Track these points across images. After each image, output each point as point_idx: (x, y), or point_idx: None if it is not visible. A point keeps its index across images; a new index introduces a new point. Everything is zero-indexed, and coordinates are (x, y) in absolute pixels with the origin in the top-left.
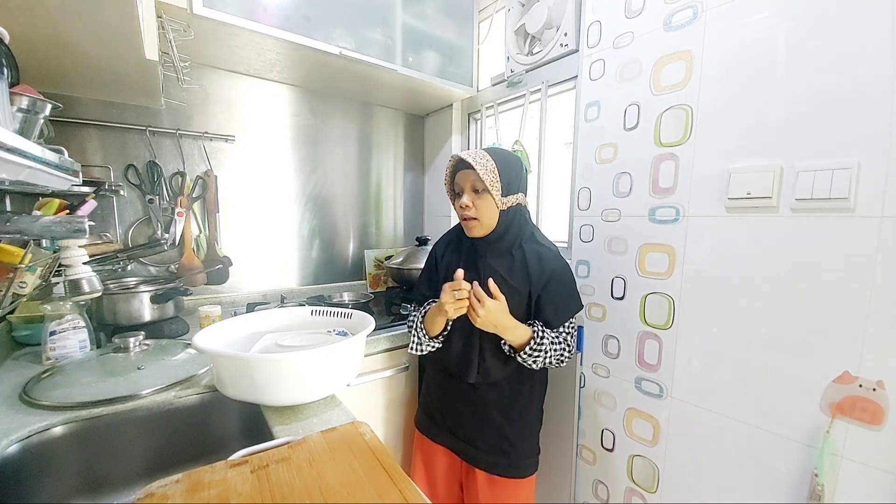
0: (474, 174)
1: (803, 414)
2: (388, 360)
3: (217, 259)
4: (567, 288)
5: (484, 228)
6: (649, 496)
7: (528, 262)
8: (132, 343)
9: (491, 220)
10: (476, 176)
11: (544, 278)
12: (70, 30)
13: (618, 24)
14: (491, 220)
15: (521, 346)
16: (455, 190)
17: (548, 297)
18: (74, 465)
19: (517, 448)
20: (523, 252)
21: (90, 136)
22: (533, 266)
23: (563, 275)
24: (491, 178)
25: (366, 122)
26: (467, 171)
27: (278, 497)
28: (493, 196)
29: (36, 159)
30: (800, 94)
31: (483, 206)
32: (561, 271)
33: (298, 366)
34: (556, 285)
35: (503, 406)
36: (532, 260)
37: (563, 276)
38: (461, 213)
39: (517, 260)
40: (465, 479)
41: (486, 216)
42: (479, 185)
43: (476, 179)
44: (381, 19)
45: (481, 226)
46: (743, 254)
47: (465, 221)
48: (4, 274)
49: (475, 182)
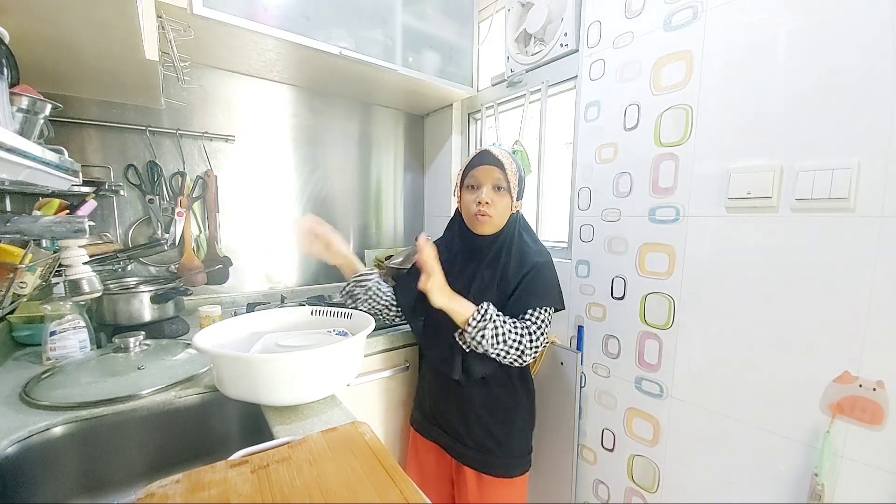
0: (500, 172)
1: (803, 414)
2: (387, 360)
3: (217, 259)
4: (539, 281)
5: (494, 226)
6: (649, 496)
7: (510, 262)
8: (132, 343)
9: (502, 220)
10: (502, 175)
11: (521, 273)
12: (70, 30)
13: (618, 24)
14: (502, 219)
15: (464, 322)
16: (468, 183)
17: (517, 290)
18: (74, 465)
19: (505, 447)
20: (510, 253)
21: (90, 136)
22: (514, 265)
23: (540, 269)
24: (514, 181)
25: (366, 122)
26: (491, 168)
27: (278, 497)
28: (511, 197)
29: (36, 159)
30: (800, 94)
31: (500, 205)
32: (539, 266)
33: (298, 366)
34: (528, 278)
35: (489, 404)
36: (515, 259)
37: (540, 270)
38: (477, 207)
39: (503, 260)
40: (456, 478)
41: (499, 215)
42: (503, 183)
43: (501, 178)
44: (381, 19)
45: (493, 224)
46: (743, 254)
47: (479, 217)
48: (4, 274)
49: (499, 180)
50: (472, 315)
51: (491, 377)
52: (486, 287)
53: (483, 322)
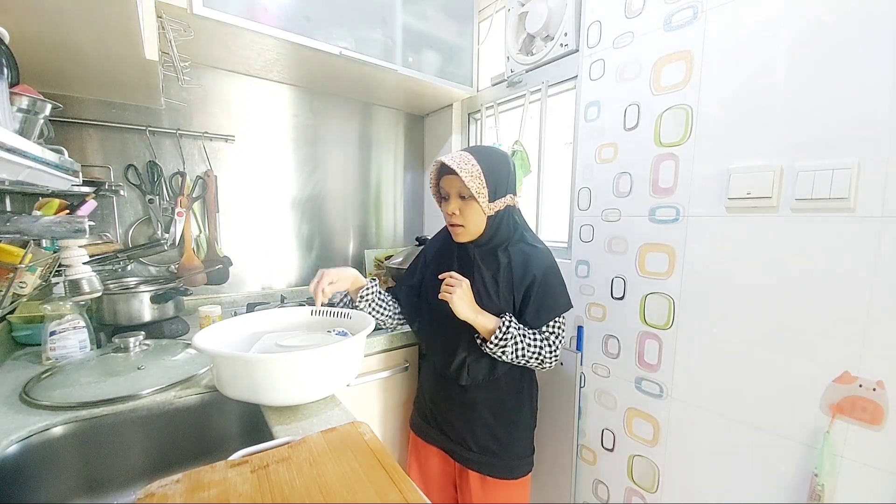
0: (459, 181)
1: (803, 414)
2: (387, 361)
3: (217, 259)
4: (549, 290)
5: (470, 234)
6: (649, 496)
7: (512, 265)
8: (132, 343)
9: (478, 227)
10: (461, 183)
11: (527, 280)
12: (70, 30)
13: (618, 24)
14: (478, 225)
15: (488, 334)
16: (441, 194)
17: (529, 300)
18: (74, 465)
19: (508, 449)
20: (510, 254)
21: (90, 136)
22: (517, 268)
23: (548, 275)
24: (477, 185)
25: (366, 122)
26: (452, 177)
27: (278, 497)
28: (479, 203)
29: (36, 159)
30: (800, 94)
31: (470, 213)
32: (545, 272)
33: (298, 366)
34: (539, 287)
35: (493, 407)
36: (517, 262)
37: (547, 276)
38: (448, 219)
39: (503, 263)
40: (459, 481)
41: (472, 222)
42: (465, 191)
43: (462, 186)
44: (381, 19)
45: (468, 232)
46: (743, 254)
47: (452, 227)
48: (4, 274)
49: (461, 189)
50: (494, 330)
51: (497, 380)
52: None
53: (504, 340)
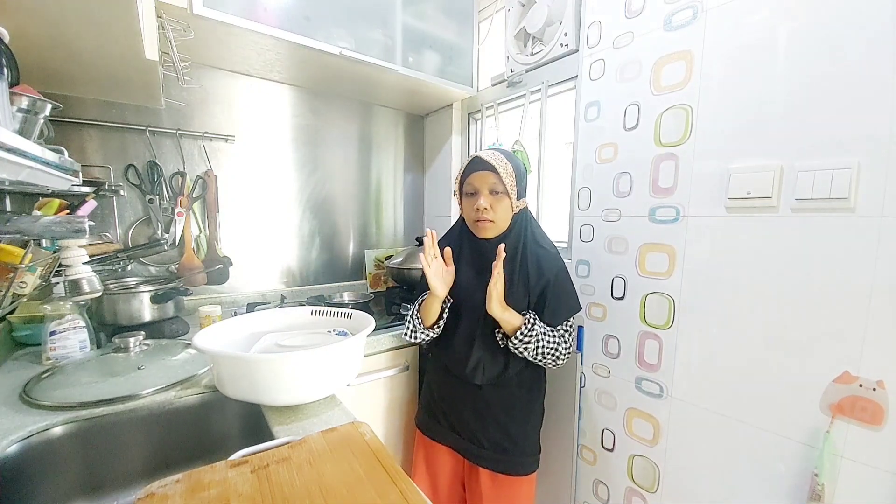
0: (495, 177)
1: (803, 414)
2: (388, 360)
3: (217, 259)
4: (564, 291)
5: (496, 230)
6: (649, 496)
7: (528, 265)
8: (132, 343)
9: (504, 223)
10: (497, 179)
11: (542, 282)
12: (70, 30)
13: (618, 24)
14: (505, 222)
15: (513, 331)
16: (466, 190)
17: (545, 301)
18: (74, 465)
19: (520, 446)
20: (525, 254)
21: (90, 136)
22: (532, 269)
23: (560, 277)
24: (511, 182)
25: (366, 122)
26: (485, 173)
27: (278, 497)
28: (510, 199)
29: (36, 159)
30: (800, 94)
31: (500, 209)
32: (558, 274)
33: (298, 366)
34: (554, 289)
35: (507, 404)
36: (532, 263)
37: (560, 278)
38: (477, 214)
39: (518, 262)
40: (468, 478)
41: (501, 218)
42: (500, 187)
43: (497, 182)
44: (381, 19)
45: (496, 227)
46: (743, 254)
47: (480, 223)
48: (4, 274)
49: (495, 184)
50: (519, 327)
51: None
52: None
53: (529, 337)
